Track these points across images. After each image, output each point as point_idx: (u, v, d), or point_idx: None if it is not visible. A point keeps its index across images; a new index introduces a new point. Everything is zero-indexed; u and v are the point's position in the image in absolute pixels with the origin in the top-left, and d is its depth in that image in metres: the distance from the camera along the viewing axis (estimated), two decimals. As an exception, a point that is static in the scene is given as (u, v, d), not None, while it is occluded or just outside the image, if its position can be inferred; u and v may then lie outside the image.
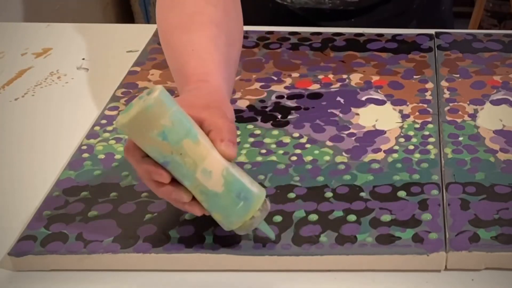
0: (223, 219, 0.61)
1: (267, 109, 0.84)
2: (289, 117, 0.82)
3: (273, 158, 0.75)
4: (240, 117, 0.82)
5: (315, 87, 0.88)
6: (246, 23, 1.10)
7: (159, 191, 0.61)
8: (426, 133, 0.78)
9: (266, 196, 0.63)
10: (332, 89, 0.87)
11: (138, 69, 0.92)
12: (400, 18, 1.10)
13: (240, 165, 0.74)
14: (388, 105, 0.84)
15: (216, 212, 0.61)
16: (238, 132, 0.79)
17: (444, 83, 0.88)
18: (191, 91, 0.67)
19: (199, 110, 0.62)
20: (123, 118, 0.57)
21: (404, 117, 0.81)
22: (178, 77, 0.71)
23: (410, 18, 1.11)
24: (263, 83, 0.89)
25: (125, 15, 2.30)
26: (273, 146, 0.77)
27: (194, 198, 0.61)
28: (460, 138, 0.77)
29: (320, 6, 1.06)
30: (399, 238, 0.64)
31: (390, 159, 0.74)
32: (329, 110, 0.83)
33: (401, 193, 0.69)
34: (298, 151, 0.76)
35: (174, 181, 0.60)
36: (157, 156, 0.59)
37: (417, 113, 0.82)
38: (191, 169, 0.59)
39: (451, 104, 0.84)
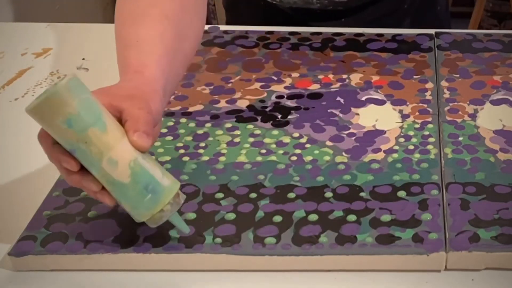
0: (132, 210, 0.61)
1: (267, 109, 0.84)
2: (289, 117, 0.82)
3: (273, 158, 0.75)
4: (240, 117, 0.82)
5: (315, 87, 0.88)
6: (240, 22, 1.11)
7: (69, 179, 0.61)
8: (426, 133, 0.78)
9: (181, 189, 0.63)
10: (332, 89, 0.87)
11: (138, 69, 0.92)
12: (391, 18, 1.10)
13: (240, 165, 0.74)
14: (388, 105, 0.84)
15: (124, 203, 0.61)
16: (238, 132, 0.79)
17: (444, 83, 0.88)
18: (123, 81, 0.67)
19: (121, 100, 0.62)
20: (31, 104, 0.57)
21: (404, 117, 0.82)
22: (120, 68, 0.71)
23: (402, 18, 1.11)
24: (263, 83, 0.89)
25: (125, 15, 2.29)
26: (273, 146, 0.77)
27: (104, 188, 0.61)
28: (460, 138, 0.77)
29: (308, 6, 1.06)
30: (399, 238, 0.64)
31: (390, 159, 0.74)
32: (329, 110, 0.83)
33: (401, 193, 0.69)
34: (298, 151, 0.76)
35: (84, 170, 0.60)
36: (63, 144, 0.59)
37: (417, 113, 0.82)
38: (96, 158, 0.59)
39: (451, 104, 0.84)
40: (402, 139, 0.77)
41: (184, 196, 0.63)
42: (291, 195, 0.70)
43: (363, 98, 0.85)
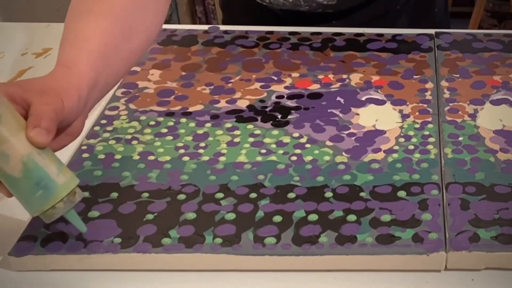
0: (25, 205, 0.61)
1: (267, 109, 0.84)
2: (289, 117, 0.82)
3: (273, 158, 0.75)
4: (240, 117, 0.82)
5: (315, 87, 0.88)
6: (235, 21, 1.11)
7: None
8: (426, 133, 0.78)
9: (79, 187, 0.62)
10: (332, 89, 0.87)
11: (138, 69, 0.93)
12: (384, 19, 1.10)
13: (240, 165, 0.74)
14: (388, 105, 0.84)
15: (17, 196, 0.61)
16: (238, 132, 0.79)
17: (444, 83, 0.88)
18: (48, 75, 0.67)
19: (32, 94, 0.62)
20: None
21: (404, 117, 0.82)
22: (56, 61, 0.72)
23: (395, 19, 1.11)
24: (263, 83, 0.89)
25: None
26: (273, 146, 0.77)
27: None
28: (460, 138, 0.77)
29: (297, 9, 1.05)
30: (399, 238, 0.64)
31: (390, 159, 0.74)
32: (329, 110, 0.83)
33: (401, 193, 0.69)
34: (298, 151, 0.76)
35: None
36: None
37: (417, 113, 0.82)
38: None
39: (451, 104, 0.84)
40: (402, 139, 0.78)
41: (82, 194, 0.63)
42: (291, 195, 0.70)
43: (363, 98, 0.85)
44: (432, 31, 1.01)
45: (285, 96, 0.86)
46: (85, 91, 0.66)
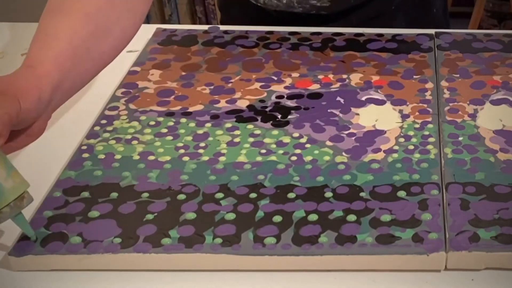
0: None
1: (267, 109, 0.84)
2: (289, 117, 0.82)
3: (273, 158, 0.75)
4: (240, 117, 0.82)
5: (315, 87, 0.88)
6: (233, 22, 1.11)
7: None
8: (426, 133, 0.78)
9: (26, 193, 0.62)
10: (332, 89, 0.87)
11: (138, 69, 0.93)
12: (378, 21, 1.09)
13: (240, 165, 0.74)
14: (388, 105, 0.84)
15: None
16: (238, 132, 0.79)
17: (444, 83, 0.88)
18: (10, 75, 0.66)
19: None
20: None
21: (404, 117, 0.82)
22: None
23: (391, 20, 1.11)
24: (263, 83, 0.89)
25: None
26: (273, 146, 0.77)
27: None
28: (460, 138, 0.77)
29: (291, 10, 1.05)
30: (399, 238, 0.64)
31: (390, 159, 0.74)
32: (329, 110, 0.83)
33: (401, 193, 0.69)
34: (298, 151, 0.76)
35: None
36: None
37: (417, 113, 0.82)
38: None
39: (451, 104, 0.84)
40: (402, 139, 0.78)
41: (30, 200, 0.63)
42: (291, 195, 0.70)
43: (363, 98, 0.85)
44: (432, 31, 1.01)
45: (285, 96, 0.86)
46: (47, 91, 0.66)
